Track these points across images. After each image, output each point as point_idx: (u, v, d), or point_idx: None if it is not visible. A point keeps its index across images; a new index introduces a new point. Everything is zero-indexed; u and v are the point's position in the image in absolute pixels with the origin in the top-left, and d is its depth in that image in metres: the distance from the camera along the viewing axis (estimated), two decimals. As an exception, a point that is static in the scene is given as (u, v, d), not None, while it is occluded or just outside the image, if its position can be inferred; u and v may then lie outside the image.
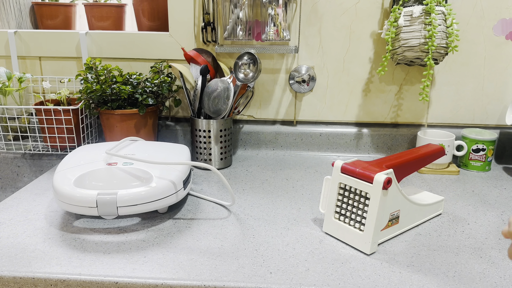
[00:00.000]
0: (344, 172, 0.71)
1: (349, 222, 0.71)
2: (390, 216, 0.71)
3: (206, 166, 0.80)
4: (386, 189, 0.67)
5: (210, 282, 0.60)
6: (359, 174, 0.69)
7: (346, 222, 0.72)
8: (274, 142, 1.19)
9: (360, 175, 0.69)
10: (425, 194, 0.85)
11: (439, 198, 0.82)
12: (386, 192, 0.67)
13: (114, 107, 1.04)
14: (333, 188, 0.73)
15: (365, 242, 0.68)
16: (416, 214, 0.78)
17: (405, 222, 0.76)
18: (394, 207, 0.71)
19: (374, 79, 1.15)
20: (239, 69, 1.04)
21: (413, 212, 0.77)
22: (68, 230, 0.74)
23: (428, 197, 0.83)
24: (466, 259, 0.67)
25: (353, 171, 0.70)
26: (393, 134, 1.16)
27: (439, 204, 0.82)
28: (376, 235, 0.68)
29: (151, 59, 1.18)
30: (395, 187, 0.70)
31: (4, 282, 0.61)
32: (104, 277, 0.61)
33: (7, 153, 1.14)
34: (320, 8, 1.11)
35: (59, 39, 1.19)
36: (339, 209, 0.73)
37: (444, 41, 0.98)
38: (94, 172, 0.80)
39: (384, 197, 0.67)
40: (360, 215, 0.70)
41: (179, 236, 0.73)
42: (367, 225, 0.68)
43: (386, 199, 0.68)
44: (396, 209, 0.72)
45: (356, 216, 0.70)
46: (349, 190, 0.72)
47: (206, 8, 1.11)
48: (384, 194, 0.67)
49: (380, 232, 0.70)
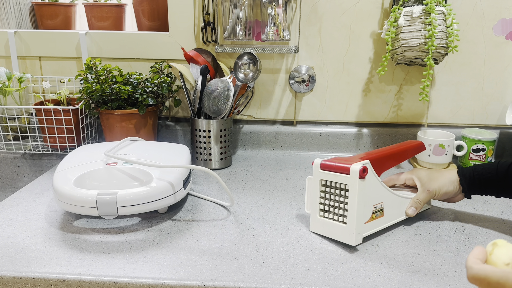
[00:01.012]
0: (324, 169, 0.73)
1: (333, 218, 0.72)
2: (373, 208, 0.72)
3: (202, 170, 0.80)
4: (363, 177, 0.68)
5: (210, 282, 0.60)
6: (337, 167, 0.71)
7: (331, 218, 0.73)
8: (274, 142, 1.19)
9: (337, 169, 0.71)
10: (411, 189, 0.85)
11: None
12: (363, 182, 0.69)
13: (114, 107, 1.04)
14: (315, 186, 0.74)
15: (349, 234, 0.69)
16: (402, 207, 0.78)
17: (391, 216, 0.76)
18: (376, 199, 0.73)
19: (374, 79, 1.15)
20: (239, 69, 1.04)
21: (398, 205, 0.77)
22: (68, 230, 0.74)
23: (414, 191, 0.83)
24: (466, 259, 0.67)
25: (331, 166, 0.72)
26: (393, 134, 1.16)
27: None
28: (360, 227, 0.70)
29: (151, 59, 1.18)
30: (375, 179, 0.72)
31: (4, 282, 0.61)
32: (104, 277, 0.61)
33: (7, 153, 1.14)
34: (320, 8, 1.11)
35: (59, 39, 1.19)
36: (323, 206, 0.74)
37: (444, 41, 0.98)
38: (94, 172, 0.80)
39: (363, 187, 0.69)
40: (343, 208, 0.71)
41: (179, 236, 0.73)
42: (349, 217, 0.69)
43: (366, 190, 0.70)
44: (379, 201, 0.73)
45: (339, 210, 0.72)
46: (330, 185, 0.73)
47: (206, 8, 1.11)
48: (362, 184, 0.69)
49: (365, 224, 0.71)
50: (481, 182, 0.75)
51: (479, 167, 0.76)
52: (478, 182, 0.75)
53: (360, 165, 0.68)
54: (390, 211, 0.76)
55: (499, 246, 0.44)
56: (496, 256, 0.43)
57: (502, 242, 0.44)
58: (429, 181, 0.78)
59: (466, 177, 0.76)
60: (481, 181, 0.75)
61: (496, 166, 0.74)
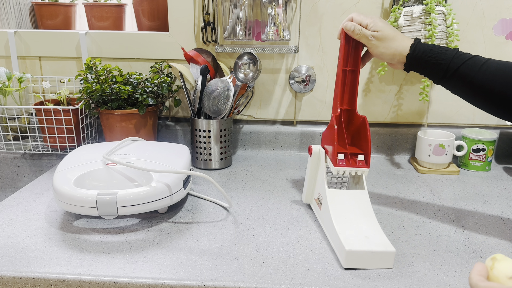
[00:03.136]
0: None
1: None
2: (318, 194, 0.79)
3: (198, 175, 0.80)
4: (310, 155, 0.82)
5: (210, 282, 0.60)
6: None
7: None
8: (274, 142, 1.19)
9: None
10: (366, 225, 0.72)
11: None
12: (312, 160, 0.81)
13: (114, 107, 1.04)
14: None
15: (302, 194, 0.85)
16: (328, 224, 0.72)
17: (322, 218, 0.77)
18: (318, 186, 0.79)
19: (374, 79, 1.15)
20: (239, 69, 1.04)
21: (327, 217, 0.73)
22: (68, 230, 0.74)
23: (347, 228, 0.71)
24: (466, 259, 0.67)
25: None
26: (393, 134, 1.16)
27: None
28: (310, 195, 0.84)
29: (151, 59, 1.18)
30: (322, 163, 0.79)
31: (4, 282, 0.61)
32: (104, 277, 0.61)
33: (7, 153, 1.14)
34: (320, 8, 1.11)
35: (59, 39, 1.19)
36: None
37: (444, 41, 0.98)
38: (94, 172, 0.80)
39: (312, 165, 0.82)
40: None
41: (179, 236, 0.73)
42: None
43: (313, 171, 0.82)
44: (320, 190, 0.78)
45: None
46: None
47: (206, 8, 1.11)
48: (311, 161, 0.81)
49: (313, 200, 0.82)
50: (429, 66, 0.72)
51: (436, 50, 0.71)
52: (425, 64, 0.72)
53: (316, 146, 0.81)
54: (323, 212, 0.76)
55: (499, 261, 0.44)
56: (498, 271, 0.44)
57: (501, 256, 0.45)
58: (383, 35, 0.74)
59: (416, 54, 0.72)
60: (430, 64, 0.72)
61: (453, 56, 0.70)
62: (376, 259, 0.64)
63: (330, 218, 0.71)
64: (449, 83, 0.72)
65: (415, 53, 0.73)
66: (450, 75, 0.70)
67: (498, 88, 0.67)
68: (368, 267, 0.64)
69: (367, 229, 0.68)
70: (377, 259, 0.64)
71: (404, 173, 1.05)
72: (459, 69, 0.69)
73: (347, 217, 0.71)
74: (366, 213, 0.72)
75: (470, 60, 0.69)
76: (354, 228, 0.69)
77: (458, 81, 0.70)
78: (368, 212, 0.72)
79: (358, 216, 0.71)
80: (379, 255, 0.64)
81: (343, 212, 0.72)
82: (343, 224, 0.69)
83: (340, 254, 0.66)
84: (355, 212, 0.72)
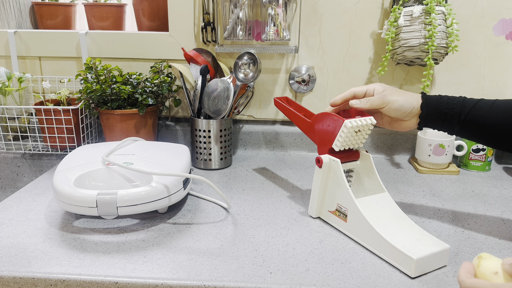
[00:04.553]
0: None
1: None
2: (337, 205, 0.75)
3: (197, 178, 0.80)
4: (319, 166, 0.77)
5: (210, 282, 0.60)
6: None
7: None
8: (274, 142, 1.19)
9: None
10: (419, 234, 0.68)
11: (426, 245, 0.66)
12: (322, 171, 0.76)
13: (114, 107, 1.04)
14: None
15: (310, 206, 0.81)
16: (369, 236, 0.68)
17: (353, 231, 0.72)
18: (339, 198, 0.74)
19: (374, 79, 1.15)
20: (239, 69, 1.04)
21: (364, 229, 0.69)
22: (68, 230, 0.74)
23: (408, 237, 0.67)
24: (466, 259, 0.67)
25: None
26: (393, 134, 1.16)
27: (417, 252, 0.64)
28: (320, 207, 0.79)
29: (151, 59, 1.18)
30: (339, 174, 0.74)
31: (4, 282, 0.61)
32: (104, 277, 0.61)
33: (7, 153, 1.14)
34: (320, 8, 1.11)
35: (59, 39, 1.19)
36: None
37: (444, 41, 0.98)
38: (94, 172, 0.80)
39: (322, 176, 0.76)
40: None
41: (179, 236, 0.73)
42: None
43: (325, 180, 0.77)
44: (341, 202, 0.74)
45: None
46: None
47: (206, 8, 1.11)
48: (319, 171, 0.77)
49: (328, 212, 0.77)
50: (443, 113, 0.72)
51: (445, 98, 0.73)
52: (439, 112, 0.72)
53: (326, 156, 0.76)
54: (353, 226, 0.72)
55: (484, 259, 0.47)
56: (484, 268, 0.46)
57: (486, 255, 0.48)
58: (390, 91, 0.75)
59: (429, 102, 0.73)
60: (443, 112, 0.72)
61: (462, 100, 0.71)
62: (437, 259, 0.64)
63: (372, 229, 0.67)
64: (464, 126, 0.72)
65: (428, 102, 0.73)
66: (464, 118, 0.71)
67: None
68: (430, 269, 0.63)
69: (411, 232, 0.68)
70: (437, 259, 0.64)
71: (404, 173, 1.05)
72: (471, 111, 0.70)
73: (387, 224, 0.69)
74: (399, 215, 0.72)
75: (479, 102, 0.71)
76: (400, 234, 0.67)
77: (472, 123, 0.71)
78: (399, 213, 0.72)
79: (394, 220, 0.70)
80: (439, 255, 0.64)
81: (379, 219, 0.69)
82: (388, 232, 0.66)
83: (403, 264, 0.63)
84: (390, 218, 0.70)
